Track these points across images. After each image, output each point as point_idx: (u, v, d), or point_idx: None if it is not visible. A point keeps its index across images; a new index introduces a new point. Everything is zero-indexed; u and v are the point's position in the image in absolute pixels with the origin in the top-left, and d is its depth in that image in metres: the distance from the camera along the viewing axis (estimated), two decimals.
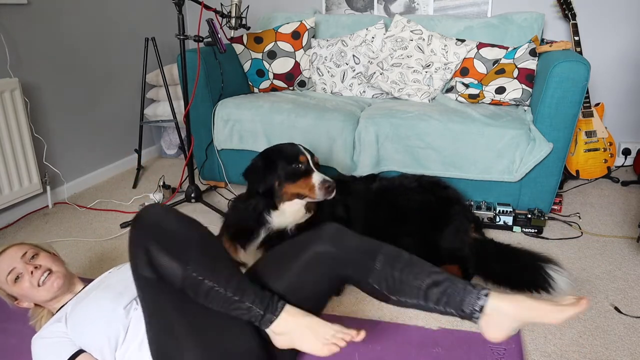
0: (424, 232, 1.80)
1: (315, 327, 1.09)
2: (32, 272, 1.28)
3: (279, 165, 1.67)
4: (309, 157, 1.69)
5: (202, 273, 1.04)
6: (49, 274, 1.30)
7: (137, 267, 1.08)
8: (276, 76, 2.79)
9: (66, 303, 1.33)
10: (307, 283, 1.18)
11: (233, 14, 2.31)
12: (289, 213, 1.67)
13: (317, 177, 1.63)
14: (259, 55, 2.77)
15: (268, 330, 1.09)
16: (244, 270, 1.25)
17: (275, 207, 1.68)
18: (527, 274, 1.73)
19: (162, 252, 1.04)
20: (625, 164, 2.94)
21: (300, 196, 1.65)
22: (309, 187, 1.63)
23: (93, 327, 1.20)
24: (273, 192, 1.66)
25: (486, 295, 1.07)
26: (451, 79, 2.57)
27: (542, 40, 2.57)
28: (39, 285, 1.28)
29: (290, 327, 1.09)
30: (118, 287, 1.29)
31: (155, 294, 1.12)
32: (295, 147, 1.72)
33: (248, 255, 1.67)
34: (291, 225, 1.66)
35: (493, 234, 2.10)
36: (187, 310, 1.11)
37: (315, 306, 1.22)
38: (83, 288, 1.38)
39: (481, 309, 1.06)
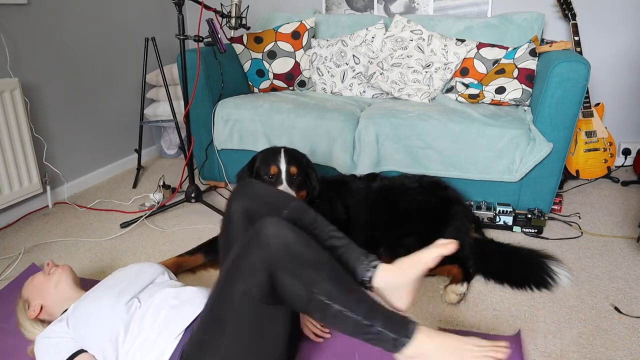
0: (424, 232, 1.80)
1: (455, 346, 1.01)
2: (44, 268, 1.48)
3: (255, 173, 1.68)
4: (283, 168, 1.65)
5: (330, 297, 1.00)
6: (56, 267, 1.48)
7: (245, 286, 1.03)
8: (276, 76, 2.79)
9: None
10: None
11: (233, 14, 2.31)
12: None
13: None
14: (259, 55, 2.77)
15: (400, 355, 1.01)
16: None
17: None
18: (527, 271, 1.74)
19: (290, 276, 1.00)
20: (625, 164, 2.94)
21: None
22: None
23: (93, 324, 1.21)
24: None
25: (374, 267, 1.12)
26: (451, 79, 2.57)
27: (542, 40, 2.57)
28: (49, 274, 1.43)
29: (426, 349, 1.00)
30: (120, 286, 1.30)
31: (243, 310, 1.06)
32: (274, 155, 1.68)
33: None
34: None
35: (493, 234, 2.10)
36: (250, 331, 1.07)
37: None
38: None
39: (369, 279, 1.11)
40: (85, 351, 1.21)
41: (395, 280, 1.11)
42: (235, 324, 1.07)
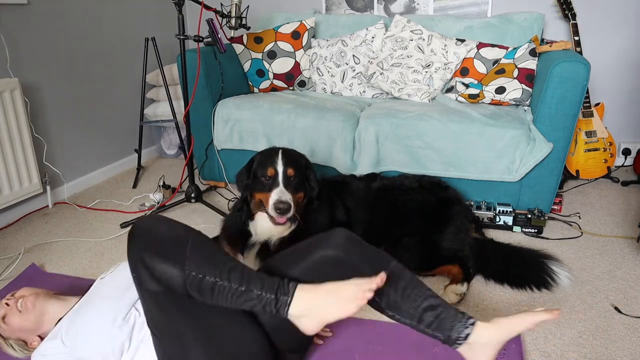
0: (424, 232, 1.80)
1: (335, 291, 1.03)
2: (6, 304, 1.34)
3: (253, 175, 1.67)
4: (280, 170, 1.61)
5: (201, 270, 1.01)
6: (23, 299, 1.34)
7: (141, 282, 1.05)
8: (276, 76, 2.79)
9: (62, 318, 1.30)
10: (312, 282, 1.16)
11: (233, 14, 2.31)
12: (263, 224, 1.65)
13: (274, 196, 1.56)
14: (259, 55, 2.77)
15: (290, 317, 1.03)
16: None
17: (252, 217, 1.67)
18: (528, 271, 1.74)
19: (157, 258, 1.01)
20: (625, 164, 2.94)
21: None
22: (267, 203, 1.58)
23: (94, 342, 1.19)
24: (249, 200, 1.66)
25: (472, 324, 1.10)
26: (451, 79, 2.57)
27: (542, 40, 2.57)
28: (20, 312, 1.32)
29: (309, 303, 1.03)
30: (113, 295, 1.26)
31: (161, 305, 1.08)
32: (271, 157, 1.65)
33: (246, 262, 1.66)
34: (274, 239, 1.63)
35: (493, 234, 2.10)
36: (194, 316, 1.08)
37: None
38: (77, 301, 1.34)
39: (466, 337, 1.09)
40: None
41: (493, 337, 1.09)
42: (173, 325, 1.09)
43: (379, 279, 1.03)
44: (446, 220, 1.83)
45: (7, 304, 1.34)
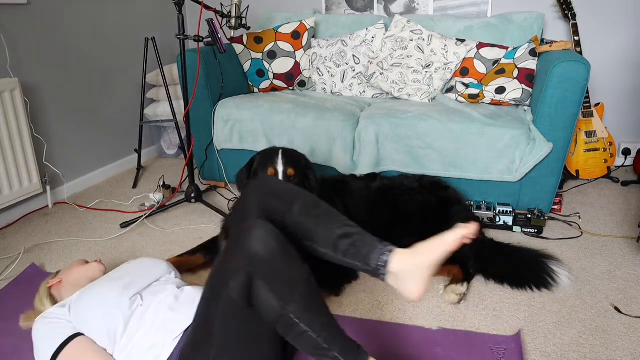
0: (424, 232, 1.79)
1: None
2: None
3: (253, 174, 1.67)
4: (280, 170, 1.63)
5: (301, 317, 1.02)
6: (97, 263, 1.51)
7: (228, 287, 1.03)
8: (276, 76, 2.79)
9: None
10: None
11: (233, 14, 2.31)
12: None
13: None
14: (259, 55, 2.77)
15: None
16: None
17: None
18: (528, 271, 1.74)
19: (267, 286, 1.01)
20: (625, 164, 2.94)
21: None
22: None
23: (95, 312, 1.22)
24: None
25: (390, 251, 1.11)
26: (451, 79, 2.57)
27: (542, 40, 2.57)
28: (88, 264, 1.49)
29: None
30: (126, 279, 1.31)
31: (225, 311, 1.07)
32: (271, 157, 1.66)
33: None
34: None
35: (493, 234, 2.10)
36: (241, 328, 1.08)
37: None
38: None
39: (385, 264, 1.10)
40: (83, 334, 1.22)
41: (413, 262, 1.10)
42: (222, 326, 1.08)
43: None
44: (446, 221, 1.83)
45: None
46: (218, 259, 1.13)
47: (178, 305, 1.24)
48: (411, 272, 1.10)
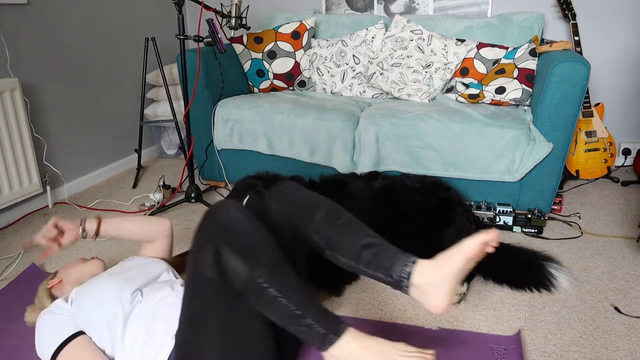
0: (426, 233, 1.79)
1: (382, 349, 1.00)
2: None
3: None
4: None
5: (269, 281, 1.01)
6: (96, 259, 1.52)
7: (200, 265, 1.04)
8: (276, 76, 2.79)
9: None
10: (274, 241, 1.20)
11: (233, 14, 2.32)
12: None
13: None
14: (259, 55, 2.77)
15: (326, 353, 1.02)
16: None
17: None
18: (527, 273, 1.74)
19: (234, 253, 1.01)
20: (625, 164, 2.94)
21: None
22: None
23: (95, 305, 1.23)
24: None
25: (413, 262, 1.09)
26: (451, 79, 2.57)
27: (542, 40, 2.57)
28: (86, 261, 1.50)
29: (352, 350, 1.01)
30: (126, 275, 1.32)
31: (206, 294, 1.07)
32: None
33: None
34: None
35: None
36: (228, 313, 1.08)
37: (297, 268, 1.18)
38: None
39: (408, 275, 1.08)
40: (84, 333, 1.22)
41: (436, 273, 1.07)
42: (205, 310, 1.08)
43: (429, 354, 1.01)
44: (447, 222, 1.83)
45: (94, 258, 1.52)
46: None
47: (178, 302, 1.24)
48: (434, 284, 1.07)
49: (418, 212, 1.84)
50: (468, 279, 1.71)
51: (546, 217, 2.14)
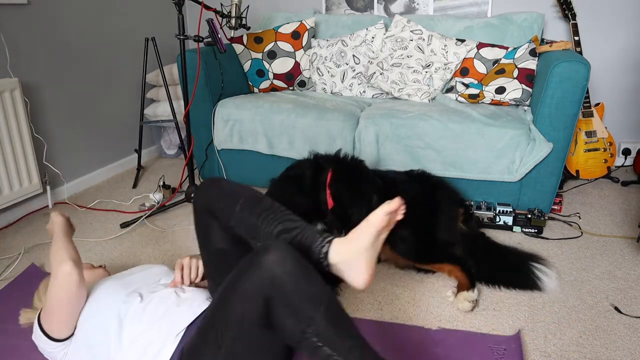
0: (418, 222, 1.78)
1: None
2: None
3: None
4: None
5: (323, 339, 0.97)
6: (101, 268, 1.56)
7: (249, 313, 0.99)
8: (276, 76, 2.79)
9: None
10: (214, 238, 1.26)
11: (233, 14, 2.31)
12: None
13: None
14: (259, 55, 2.77)
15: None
16: None
17: None
18: (516, 274, 1.74)
19: (286, 312, 0.97)
20: (625, 164, 2.94)
21: None
22: None
23: (92, 307, 1.23)
24: None
25: (329, 242, 1.11)
26: (451, 79, 2.57)
27: (542, 40, 2.57)
28: (92, 269, 1.52)
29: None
30: (124, 279, 1.34)
31: (236, 330, 1.02)
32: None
33: None
34: None
35: (493, 234, 2.10)
36: (248, 345, 1.04)
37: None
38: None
39: (325, 255, 1.10)
40: None
41: (349, 248, 1.09)
42: (233, 341, 1.04)
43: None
44: (435, 207, 1.82)
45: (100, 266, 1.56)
46: (229, 276, 1.07)
47: (181, 302, 1.24)
48: (351, 260, 1.09)
49: (408, 202, 1.83)
50: (473, 282, 1.67)
51: (546, 217, 2.14)
